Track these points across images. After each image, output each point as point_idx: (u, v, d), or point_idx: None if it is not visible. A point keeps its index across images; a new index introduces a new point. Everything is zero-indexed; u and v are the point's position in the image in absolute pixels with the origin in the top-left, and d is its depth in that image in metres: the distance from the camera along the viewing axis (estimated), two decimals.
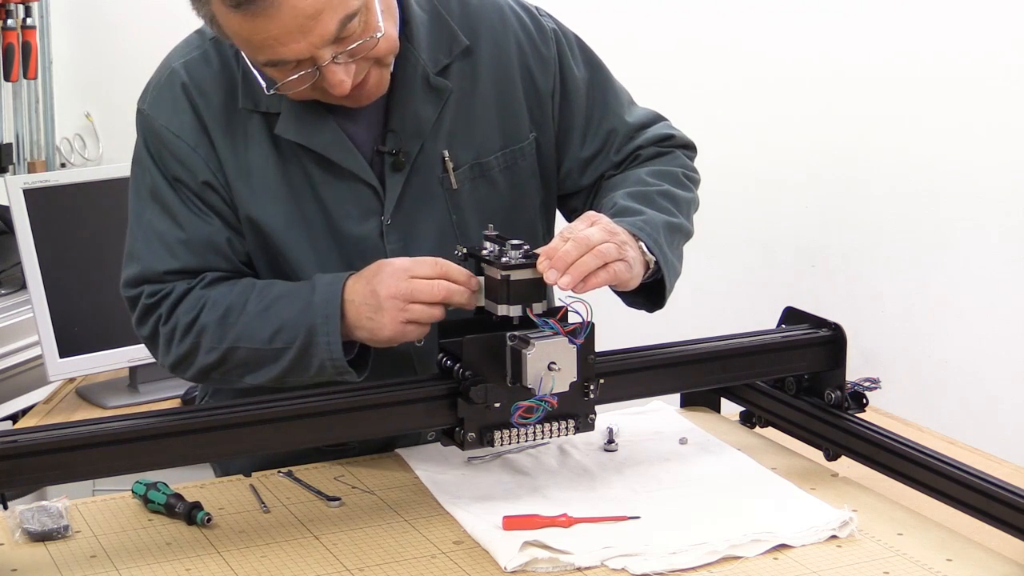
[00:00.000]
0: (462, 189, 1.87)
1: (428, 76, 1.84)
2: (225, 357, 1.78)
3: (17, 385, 3.16)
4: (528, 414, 1.64)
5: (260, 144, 1.82)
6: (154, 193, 1.83)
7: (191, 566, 1.57)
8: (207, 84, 1.82)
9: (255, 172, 1.82)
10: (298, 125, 1.80)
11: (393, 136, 1.84)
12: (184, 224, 1.82)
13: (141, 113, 1.86)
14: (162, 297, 1.81)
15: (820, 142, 3.71)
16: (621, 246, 1.70)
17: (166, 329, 1.80)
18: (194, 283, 1.81)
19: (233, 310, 1.77)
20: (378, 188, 1.84)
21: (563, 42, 1.96)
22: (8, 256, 3.31)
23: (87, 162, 4.13)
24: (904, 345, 3.59)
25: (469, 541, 1.62)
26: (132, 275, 1.83)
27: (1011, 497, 1.58)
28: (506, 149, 1.90)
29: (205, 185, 1.82)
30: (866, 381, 1.88)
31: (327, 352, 1.73)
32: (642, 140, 1.99)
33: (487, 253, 1.70)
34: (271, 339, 1.75)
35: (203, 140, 1.81)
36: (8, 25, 3.93)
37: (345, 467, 1.85)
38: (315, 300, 1.74)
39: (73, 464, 1.55)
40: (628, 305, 1.87)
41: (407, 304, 1.69)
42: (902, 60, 3.55)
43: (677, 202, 1.89)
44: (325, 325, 1.72)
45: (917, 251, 3.57)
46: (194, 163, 1.81)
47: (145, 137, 1.85)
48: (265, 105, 1.81)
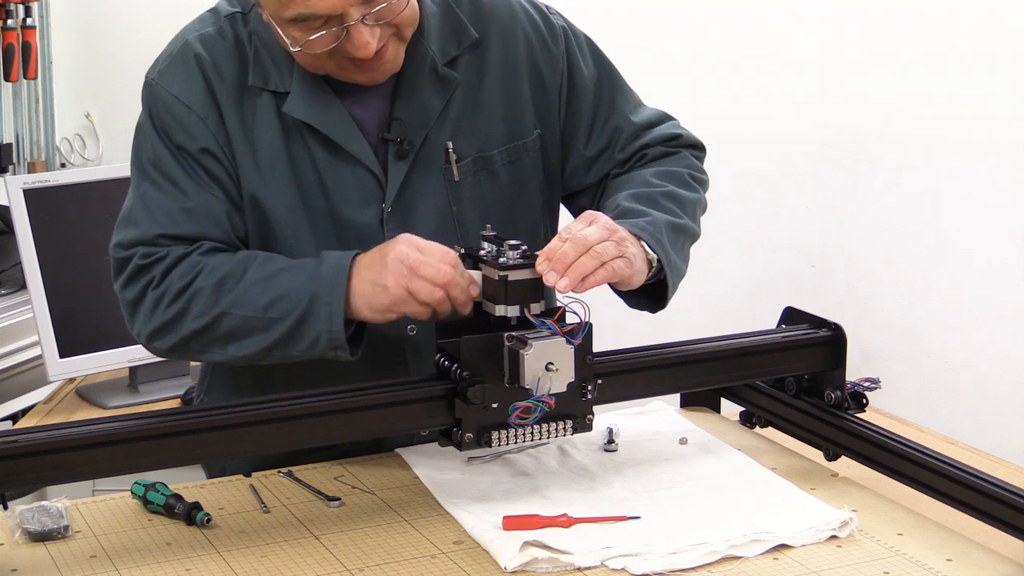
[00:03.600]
0: (464, 181, 1.88)
1: (437, 67, 1.85)
2: (213, 323, 1.76)
3: (17, 385, 3.16)
4: (526, 414, 1.64)
5: (268, 123, 1.82)
6: (156, 163, 1.83)
7: (191, 566, 1.57)
8: (221, 58, 1.83)
9: (261, 150, 1.82)
10: (307, 105, 1.81)
11: (398, 124, 1.84)
12: (187, 192, 1.81)
13: (149, 84, 1.85)
14: (156, 260, 1.79)
15: (820, 142, 3.71)
16: (620, 243, 1.70)
17: (156, 293, 1.78)
18: (191, 249, 1.79)
19: (231, 277, 1.76)
20: (380, 175, 1.84)
21: (572, 40, 1.97)
22: (8, 256, 3.31)
23: (87, 162, 4.13)
24: (904, 345, 3.59)
25: (469, 541, 1.62)
26: (127, 238, 1.81)
27: (1011, 497, 1.58)
28: (510, 144, 1.91)
29: (208, 154, 1.81)
30: (866, 381, 1.88)
31: (327, 322, 1.71)
32: (648, 139, 1.98)
33: (485, 253, 1.70)
34: (267, 308, 1.74)
35: (213, 112, 1.81)
36: (8, 25, 3.93)
37: (345, 467, 1.85)
38: (322, 270, 1.73)
39: (73, 464, 1.55)
40: (630, 306, 1.87)
41: (410, 274, 1.67)
42: (902, 60, 3.55)
43: (682, 203, 1.88)
44: (329, 294, 1.71)
45: (917, 251, 3.57)
46: (201, 132, 1.81)
47: (151, 108, 1.84)
48: (275, 84, 1.82)
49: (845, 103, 3.65)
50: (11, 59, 3.93)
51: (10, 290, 3.33)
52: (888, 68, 3.57)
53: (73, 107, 4.15)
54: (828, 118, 3.68)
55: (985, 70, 3.41)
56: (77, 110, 4.16)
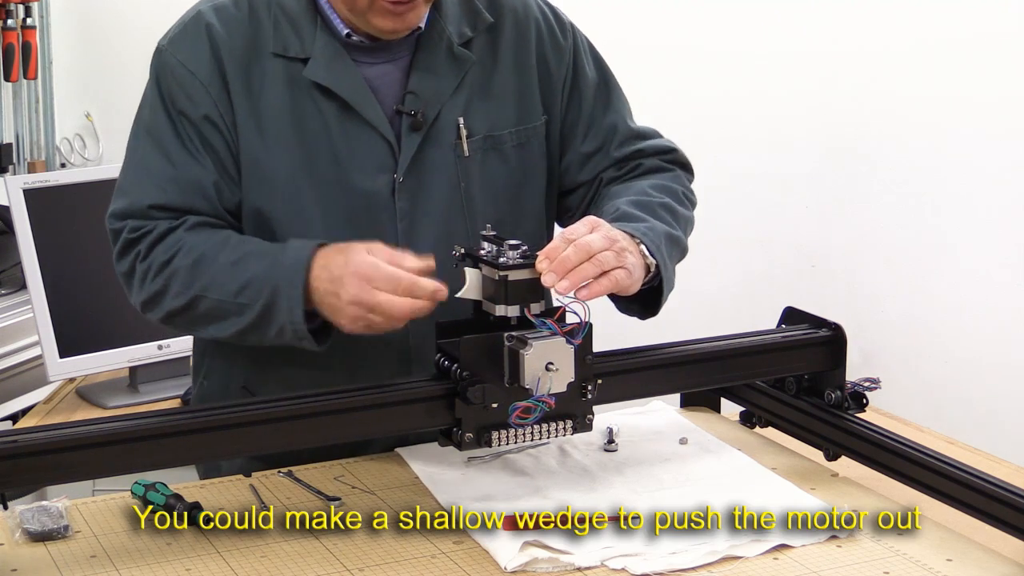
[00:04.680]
0: (473, 158, 1.91)
1: (452, 46, 1.90)
2: (191, 304, 1.80)
3: (17, 385, 3.16)
4: (526, 414, 1.64)
5: (277, 90, 1.85)
6: (152, 129, 1.86)
7: (191, 566, 1.57)
8: (232, 28, 1.86)
9: (267, 117, 1.84)
10: (327, 71, 1.85)
11: (413, 97, 1.88)
12: (176, 161, 1.84)
13: (159, 51, 1.89)
14: (144, 234, 1.82)
15: (821, 142, 3.71)
16: (620, 253, 1.71)
17: (143, 266, 1.82)
18: (176, 224, 1.82)
19: (205, 258, 1.79)
20: (394, 144, 1.87)
21: (578, 37, 2.02)
22: (8, 256, 3.31)
23: (87, 162, 4.13)
24: (904, 345, 3.59)
25: (469, 541, 1.62)
26: (119, 208, 1.86)
27: (1011, 497, 1.58)
28: (519, 127, 1.95)
29: (208, 122, 1.84)
30: (866, 381, 1.88)
31: (288, 315, 1.74)
32: (645, 146, 2.02)
33: (485, 253, 1.70)
34: (237, 293, 1.77)
35: (217, 80, 1.84)
36: (8, 25, 3.94)
37: (345, 467, 1.85)
38: (283, 260, 1.75)
39: (73, 464, 1.55)
40: (621, 311, 1.88)
41: (367, 313, 1.69)
42: (903, 60, 3.55)
43: (677, 217, 1.91)
44: (288, 288, 1.73)
45: (917, 251, 3.57)
46: (202, 98, 1.84)
47: (158, 74, 1.88)
48: (295, 50, 1.85)
49: (845, 103, 3.65)
50: (11, 59, 3.93)
51: (10, 290, 3.33)
52: (889, 68, 3.57)
53: (73, 107, 4.15)
54: (828, 118, 3.68)
55: (985, 70, 3.41)
56: (77, 110, 4.16)
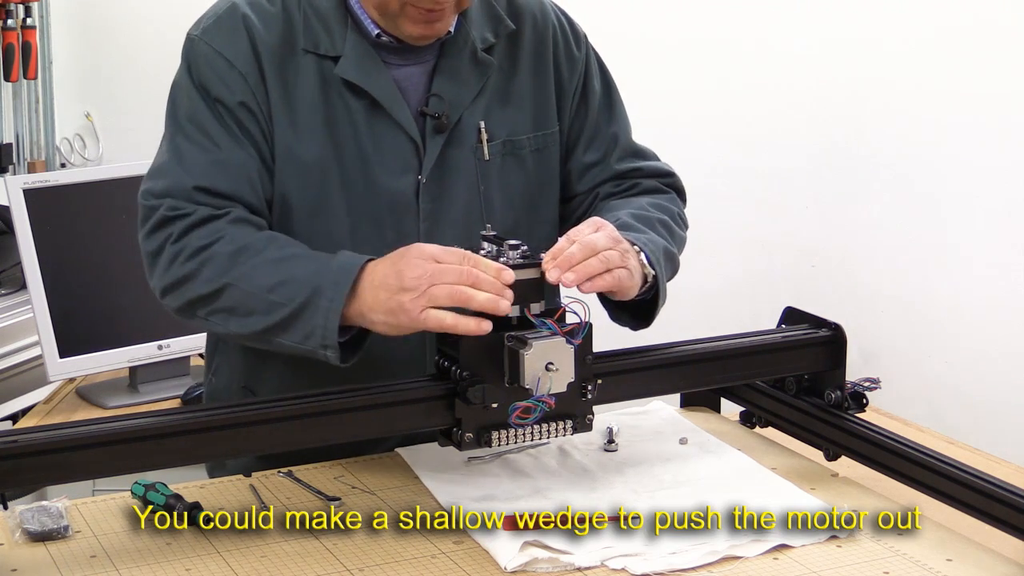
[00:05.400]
0: (493, 162, 1.93)
1: (476, 51, 1.92)
2: (218, 292, 1.77)
3: (17, 385, 3.16)
4: (525, 414, 1.64)
5: (310, 85, 1.86)
6: (192, 117, 1.85)
7: (191, 566, 1.57)
8: (268, 21, 1.87)
9: (300, 110, 1.85)
10: (358, 69, 1.87)
11: (437, 100, 1.89)
12: (220, 144, 1.83)
13: (192, 40, 1.88)
14: (181, 215, 1.80)
15: (820, 142, 3.71)
16: (624, 254, 1.73)
17: (174, 248, 1.80)
18: (219, 213, 1.81)
19: (248, 250, 1.77)
20: (420, 145, 1.88)
21: (590, 50, 2.05)
22: (8, 256, 3.31)
23: (87, 162, 4.13)
24: (904, 345, 3.59)
25: (469, 541, 1.62)
26: (158, 187, 1.83)
27: (1011, 497, 1.58)
28: (536, 132, 1.97)
29: (245, 108, 1.84)
30: (866, 381, 1.88)
31: (323, 317, 1.70)
32: (644, 166, 2.05)
33: (485, 253, 1.70)
34: (271, 289, 1.74)
35: (254, 70, 1.85)
36: (8, 25, 3.93)
37: (345, 467, 1.85)
38: (332, 265, 1.73)
39: (73, 464, 1.55)
40: (612, 319, 1.88)
41: (429, 287, 1.65)
42: (903, 59, 3.54)
43: (673, 235, 1.93)
44: (332, 290, 1.71)
45: (917, 251, 3.57)
46: (240, 87, 1.84)
47: (190, 63, 1.87)
48: (325, 48, 1.86)
49: (846, 103, 3.64)
50: (11, 59, 3.93)
51: (10, 290, 3.33)
52: (889, 68, 3.57)
53: (73, 107, 4.14)
54: (828, 117, 3.68)
55: (986, 69, 3.41)
56: (77, 110, 4.15)
